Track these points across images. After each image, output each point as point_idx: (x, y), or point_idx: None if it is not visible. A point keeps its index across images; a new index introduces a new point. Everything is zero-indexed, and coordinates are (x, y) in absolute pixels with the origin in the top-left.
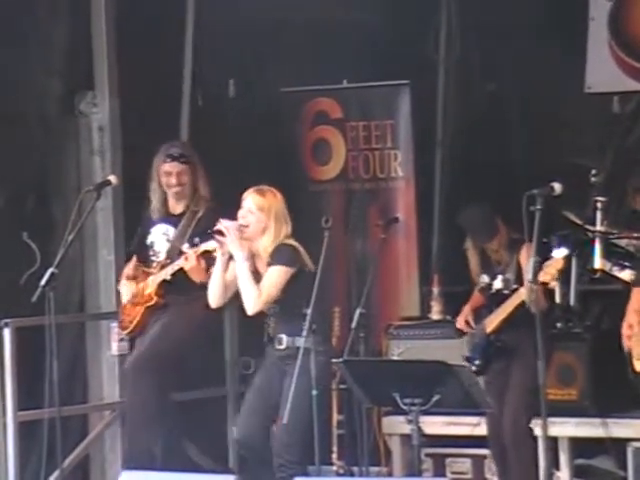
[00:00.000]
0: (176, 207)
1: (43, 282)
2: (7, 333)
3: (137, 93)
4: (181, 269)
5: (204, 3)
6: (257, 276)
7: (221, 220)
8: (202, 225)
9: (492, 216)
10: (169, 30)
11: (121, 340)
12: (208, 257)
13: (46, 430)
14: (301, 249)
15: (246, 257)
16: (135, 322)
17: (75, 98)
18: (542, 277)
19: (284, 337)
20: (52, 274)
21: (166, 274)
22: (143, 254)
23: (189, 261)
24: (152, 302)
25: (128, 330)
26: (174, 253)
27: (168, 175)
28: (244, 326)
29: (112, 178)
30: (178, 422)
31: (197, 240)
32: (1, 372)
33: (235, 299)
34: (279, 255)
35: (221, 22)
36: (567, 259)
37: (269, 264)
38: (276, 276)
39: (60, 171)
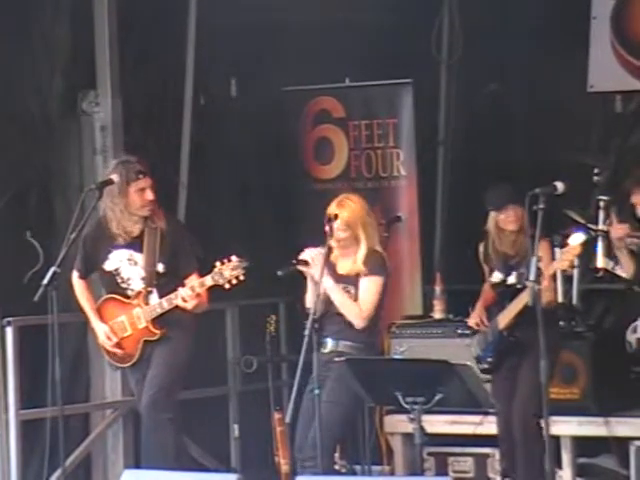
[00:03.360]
0: (134, 229)
1: (45, 281)
2: (9, 332)
3: (139, 92)
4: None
5: (206, 3)
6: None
7: (305, 250)
8: (168, 242)
9: (517, 191)
10: (171, 30)
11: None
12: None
13: (48, 429)
14: (385, 255)
15: (335, 281)
16: (137, 355)
17: (77, 97)
18: (559, 264)
19: (329, 340)
20: (54, 273)
21: (159, 309)
22: (106, 281)
23: (189, 302)
24: (154, 337)
25: (131, 363)
26: (151, 279)
27: (141, 192)
28: (246, 326)
29: (114, 177)
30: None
31: (195, 284)
32: (3, 371)
33: (236, 299)
34: (372, 265)
35: (223, 21)
36: (584, 244)
37: (364, 274)
38: (373, 288)
39: (62, 170)
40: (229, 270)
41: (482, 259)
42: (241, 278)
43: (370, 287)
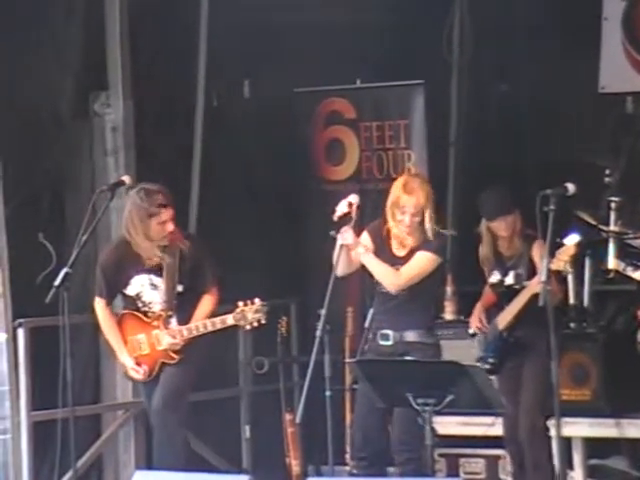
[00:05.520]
0: (154, 254)
1: (57, 282)
2: (21, 333)
3: (151, 94)
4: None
5: (218, 4)
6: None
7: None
8: (187, 262)
9: (509, 198)
10: (183, 31)
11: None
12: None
13: (60, 430)
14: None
15: (391, 263)
16: (154, 374)
17: (89, 99)
18: (555, 265)
19: (390, 333)
20: (66, 274)
21: (187, 336)
22: (127, 303)
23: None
24: (173, 361)
25: (148, 379)
26: (171, 302)
27: (163, 224)
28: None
29: (126, 178)
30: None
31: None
32: (16, 372)
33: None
34: (432, 242)
35: (235, 23)
36: (579, 245)
37: (419, 248)
38: (423, 261)
39: (74, 172)
40: (251, 313)
41: (480, 261)
42: (262, 322)
43: (420, 260)
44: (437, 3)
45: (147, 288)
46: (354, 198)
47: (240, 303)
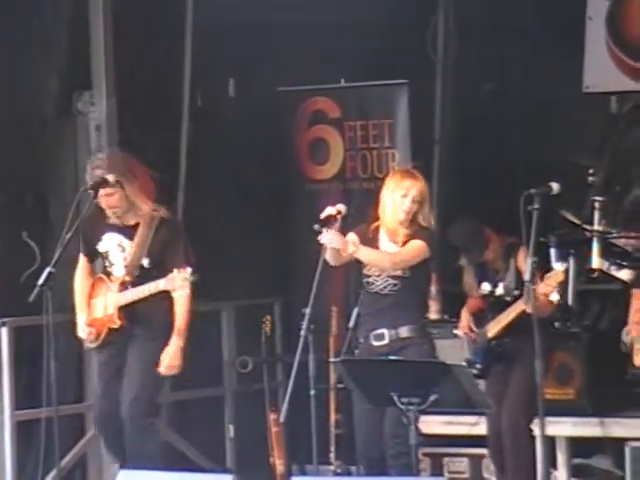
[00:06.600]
0: (127, 219)
1: (41, 281)
2: (5, 332)
3: (135, 93)
4: (147, 298)
5: (203, 3)
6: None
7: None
8: (160, 239)
9: (481, 230)
10: (168, 30)
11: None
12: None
13: (44, 429)
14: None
15: (355, 246)
16: (101, 340)
17: (73, 98)
18: (543, 288)
19: (385, 332)
20: (49, 273)
21: (128, 298)
22: (95, 260)
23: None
24: (115, 325)
25: (95, 345)
26: (133, 269)
27: (101, 198)
28: (241, 326)
29: (109, 177)
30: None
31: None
32: None
33: (231, 300)
34: (426, 233)
35: (220, 22)
36: (567, 272)
37: (412, 237)
38: (415, 248)
39: (58, 170)
40: (180, 280)
41: (465, 290)
42: (187, 290)
43: (415, 245)
44: (422, 2)
45: (115, 248)
46: (342, 207)
47: (175, 270)
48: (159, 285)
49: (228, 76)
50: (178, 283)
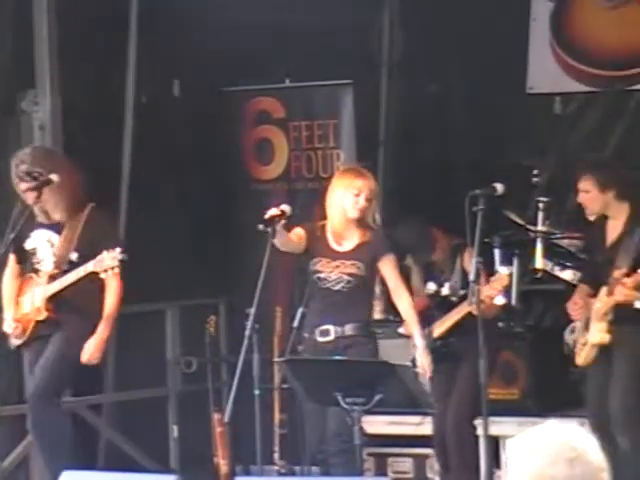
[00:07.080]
0: (54, 214)
1: None
2: None
3: (80, 92)
4: (73, 284)
5: (148, 3)
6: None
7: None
8: (88, 231)
9: (427, 231)
10: (112, 29)
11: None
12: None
13: None
14: None
15: (333, 259)
16: (27, 335)
17: (16, 97)
18: (488, 291)
19: (331, 328)
20: None
21: (56, 287)
22: (23, 258)
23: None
24: (42, 317)
25: (21, 341)
26: (61, 263)
27: (22, 193)
28: (185, 326)
29: (53, 177)
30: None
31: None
32: None
33: (176, 299)
34: (388, 243)
35: (165, 21)
36: (511, 276)
37: (363, 237)
38: (395, 265)
39: (1, 170)
40: (109, 260)
41: (414, 293)
42: (116, 270)
43: (396, 265)
44: (367, 3)
45: (44, 244)
46: (286, 207)
47: (105, 252)
48: (88, 267)
49: (172, 76)
50: (107, 263)
